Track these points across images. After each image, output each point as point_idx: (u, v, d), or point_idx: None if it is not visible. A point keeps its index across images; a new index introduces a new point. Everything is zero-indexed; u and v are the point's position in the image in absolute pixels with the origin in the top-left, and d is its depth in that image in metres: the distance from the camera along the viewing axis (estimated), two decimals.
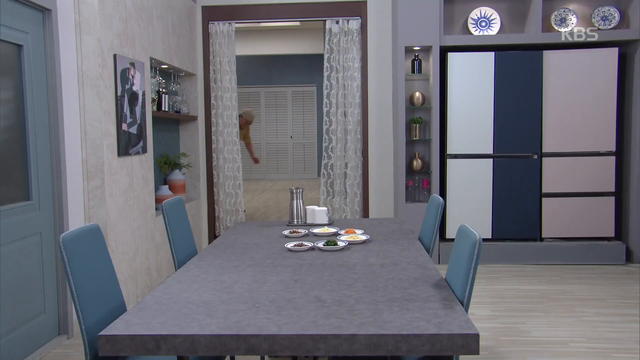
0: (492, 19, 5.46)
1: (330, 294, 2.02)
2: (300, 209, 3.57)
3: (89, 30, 3.62)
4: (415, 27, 5.28)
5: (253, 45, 10.55)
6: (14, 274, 3.15)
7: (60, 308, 3.59)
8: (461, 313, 1.78)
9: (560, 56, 5.24)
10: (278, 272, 2.36)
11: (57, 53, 3.52)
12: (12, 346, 3.13)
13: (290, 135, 13.99)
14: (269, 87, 13.84)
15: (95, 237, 2.20)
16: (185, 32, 5.47)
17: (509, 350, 3.33)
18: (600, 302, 4.20)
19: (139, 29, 4.28)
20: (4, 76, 3.14)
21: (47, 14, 3.46)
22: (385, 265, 2.43)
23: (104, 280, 2.18)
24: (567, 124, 5.30)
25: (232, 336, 1.65)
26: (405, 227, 3.39)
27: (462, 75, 5.30)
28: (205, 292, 2.08)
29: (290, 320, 1.75)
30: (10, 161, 3.20)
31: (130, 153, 4.08)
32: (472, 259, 1.93)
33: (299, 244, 2.82)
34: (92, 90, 3.64)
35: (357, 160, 5.88)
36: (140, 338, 1.67)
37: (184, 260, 3.02)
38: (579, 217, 5.33)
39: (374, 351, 1.62)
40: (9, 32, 3.15)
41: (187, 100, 5.79)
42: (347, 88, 5.81)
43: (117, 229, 3.86)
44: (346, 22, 5.75)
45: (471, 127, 5.33)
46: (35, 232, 3.36)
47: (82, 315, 1.95)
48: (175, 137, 5.75)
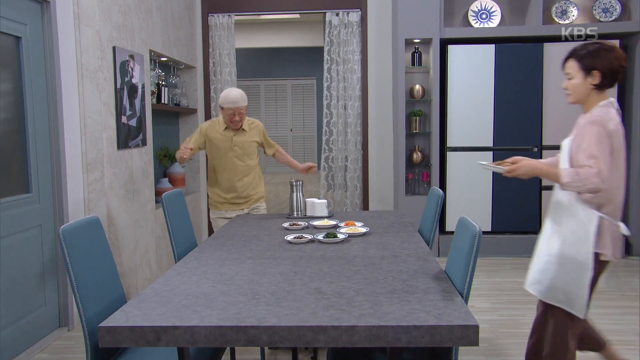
0: (493, 11, 5.44)
1: (330, 285, 2.02)
2: (300, 201, 3.57)
3: (87, 22, 3.60)
4: (416, 20, 5.26)
5: (253, 38, 10.52)
6: (14, 267, 3.15)
7: (60, 300, 3.60)
8: (461, 305, 1.78)
9: (561, 48, 5.22)
10: (278, 264, 2.36)
11: (56, 45, 3.50)
12: (12, 338, 3.14)
13: (290, 129, 13.97)
14: (268, 80, 13.81)
15: (95, 229, 2.20)
16: (184, 24, 5.45)
17: (508, 342, 3.34)
18: (600, 294, 4.20)
19: (138, 21, 4.26)
20: (3, 68, 3.12)
21: (45, 5, 3.44)
22: (385, 258, 2.43)
23: (104, 273, 2.18)
24: (567, 117, 5.28)
25: (232, 327, 1.65)
26: (405, 219, 3.39)
27: (463, 68, 5.29)
28: (205, 284, 2.09)
29: (290, 312, 1.75)
30: (10, 154, 3.19)
31: (130, 146, 4.07)
32: (471, 251, 1.93)
33: (299, 237, 2.82)
34: (92, 83, 3.63)
35: (357, 153, 5.87)
36: (140, 329, 1.68)
37: (184, 252, 3.02)
38: None
39: (373, 342, 1.63)
40: (7, 24, 3.14)
41: (187, 93, 5.78)
42: (347, 81, 5.80)
43: (117, 221, 3.86)
44: (346, 15, 5.73)
45: (471, 120, 5.32)
46: (35, 224, 3.36)
47: (82, 307, 1.96)
48: (175, 130, 5.74)
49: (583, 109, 2.41)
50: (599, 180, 2.14)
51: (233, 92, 3.59)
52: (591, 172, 2.15)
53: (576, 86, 2.37)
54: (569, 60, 2.39)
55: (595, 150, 2.17)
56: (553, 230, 2.39)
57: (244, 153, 3.71)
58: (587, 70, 2.32)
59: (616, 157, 2.24)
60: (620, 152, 2.26)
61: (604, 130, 2.20)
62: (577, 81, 2.36)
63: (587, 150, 2.19)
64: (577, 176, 2.17)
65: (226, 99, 3.58)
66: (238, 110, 3.59)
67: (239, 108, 3.59)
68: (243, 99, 3.60)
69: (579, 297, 2.26)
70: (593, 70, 2.31)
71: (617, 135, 2.23)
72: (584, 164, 2.18)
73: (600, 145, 2.17)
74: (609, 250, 2.28)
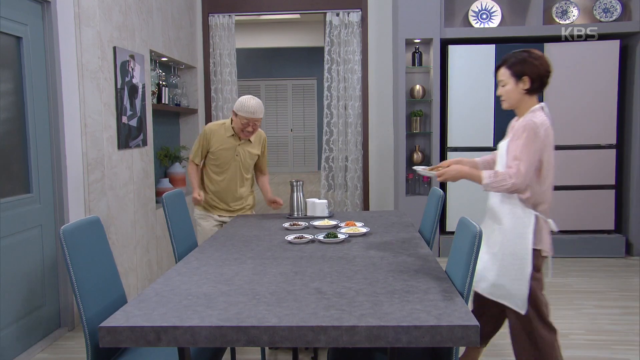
0: (493, 11, 5.44)
1: (331, 285, 2.02)
2: (301, 201, 3.57)
3: (88, 22, 3.60)
4: (416, 20, 5.26)
5: (253, 38, 10.52)
6: (15, 267, 3.15)
7: (61, 300, 3.60)
8: (461, 305, 1.78)
9: (561, 49, 5.22)
10: (278, 264, 2.36)
11: (57, 45, 3.50)
12: (13, 338, 3.14)
13: (291, 129, 13.96)
14: (269, 80, 13.81)
15: (95, 229, 2.20)
16: (185, 24, 5.45)
17: (508, 342, 3.33)
18: (600, 294, 4.20)
19: (138, 21, 4.27)
20: (4, 69, 3.13)
21: (46, 5, 3.44)
22: (385, 258, 2.43)
23: (104, 273, 2.18)
24: (568, 117, 5.29)
25: (232, 328, 1.66)
26: (406, 219, 3.39)
27: (463, 68, 5.29)
28: (205, 284, 2.09)
29: (290, 312, 1.75)
30: (10, 154, 3.19)
31: (131, 146, 4.07)
32: (472, 251, 1.93)
33: (299, 237, 2.82)
34: (92, 83, 3.64)
35: (358, 153, 5.87)
36: (140, 329, 1.68)
37: (184, 252, 3.02)
38: (579, 210, 5.32)
39: (374, 342, 1.63)
40: (8, 24, 3.14)
41: (187, 93, 5.78)
42: (348, 81, 5.80)
43: (118, 221, 3.86)
44: (346, 15, 5.73)
45: (472, 120, 5.32)
46: (36, 224, 3.36)
47: (82, 307, 1.96)
48: (176, 130, 5.74)
49: (516, 113, 2.59)
50: (515, 180, 2.33)
51: (252, 102, 3.38)
52: (509, 172, 2.35)
53: (509, 92, 2.54)
54: (501, 69, 2.58)
55: (520, 153, 2.36)
56: (492, 229, 2.53)
57: (244, 164, 3.58)
58: (518, 77, 2.50)
59: (547, 158, 2.43)
60: (550, 153, 2.45)
61: (534, 134, 2.36)
62: (510, 87, 2.53)
63: (513, 152, 2.40)
64: (495, 178, 2.39)
65: (243, 107, 3.37)
66: (253, 121, 3.40)
67: (255, 119, 3.39)
68: (261, 110, 3.40)
69: (520, 293, 2.41)
70: (523, 76, 2.49)
71: (547, 136, 2.41)
72: (509, 165, 2.39)
73: (526, 149, 2.35)
74: (547, 246, 2.45)
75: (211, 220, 3.63)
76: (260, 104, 3.42)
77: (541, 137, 2.38)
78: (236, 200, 3.63)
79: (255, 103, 3.39)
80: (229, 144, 3.51)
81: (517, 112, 2.59)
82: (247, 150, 3.56)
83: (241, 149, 3.54)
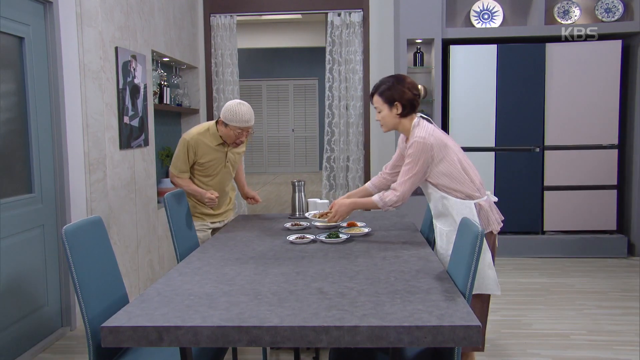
0: (495, 11, 5.43)
1: (332, 286, 2.02)
2: (302, 201, 3.57)
3: (90, 22, 3.61)
4: (417, 20, 5.25)
5: (255, 38, 10.52)
6: (17, 267, 3.16)
7: (62, 300, 3.61)
8: (463, 305, 1.78)
9: (563, 49, 5.22)
10: (280, 264, 2.36)
11: (59, 45, 3.51)
12: (15, 338, 3.14)
13: (292, 129, 13.97)
14: (270, 80, 13.81)
15: (97, 229, 2.20)
16: (186, 24, 5.46)
17: (510, 342, 3.34)
18: (602, 295, 4.20)
19: (140, 22, 4.27)
20: (6, 69, 3.13)
21: (48, 6, 3.45)
22: (387, 258, 2.43)
23: (106, 273, 2.18)
24: (570, 117, 5.28)
25: (234, 328, 1.66)
26: (407, 220, 3.40)
27: (465, 68, 5.28)
28: (207, 284, 2.09)
29: (292, 312, 1.75)
30: (12, 154, 3.20)
31: (132, 146, 4.08)
32: (473, 251, 1.93)
33: (301, 237, 2.82)
34: (94, 83, 3.64)
35: (359, 154, 5.87)
36: (142, 329, 1.68)
37: (186, 252, 3.02)
38: (580, 210, 5.32)
39: (376, 343, 1.63)
40: (10, 25, 3.14)
41: (189, 93, 5.78)
42: (349, 81, 5.80)
43: (119, 221, 3.86)
44: (348, 15, 5.73)
45: (473, 120, 5.32)
46: (38, 224, 3.37)
47: (84, 307, 1.96)
48: (177, 130, 5.75)
49: (401, 133, 2.78)
50: (397, 199, 2.64)
51: (244, 109, 3.09)
52: (394, 194, 2.63)
53: (385, 117, 2.72)
54: (375, 96, 2.74)
55: (405, 172, 2.61)
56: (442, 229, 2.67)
57: (234, 166, 3.43)
58: (390, 103, 2.68)
59: (456, 157, 2.60)
60: (455, 149, 2.64)
61: (422, 148, 2.56)
62: (385, 113, 2.71)
63: (401, 171, 2.65)
64: (382, 201, 2.67)
65: (236, 116, 3.07)
66: (247, 130, 3.14)
67: (249, 127, 3.13)
68: (253, 115, 3.15)
69: (490, 277, 2.56)
70: (395, 102, 2.67)
71: (437, 140, 2.58)
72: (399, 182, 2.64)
73: (412, 166, 2.58)
74: (495, 224, 2.62)
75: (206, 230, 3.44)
76: (250, 108, 3.16)
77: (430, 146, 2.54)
78: (227, 203, 3.54)
79: (247, 109, 3.12)
80: (218, 153, 3.27)
81: (401, 133, 2.77)
82: (235, 152, 3.40)
83: (230, 153, 3.35)
